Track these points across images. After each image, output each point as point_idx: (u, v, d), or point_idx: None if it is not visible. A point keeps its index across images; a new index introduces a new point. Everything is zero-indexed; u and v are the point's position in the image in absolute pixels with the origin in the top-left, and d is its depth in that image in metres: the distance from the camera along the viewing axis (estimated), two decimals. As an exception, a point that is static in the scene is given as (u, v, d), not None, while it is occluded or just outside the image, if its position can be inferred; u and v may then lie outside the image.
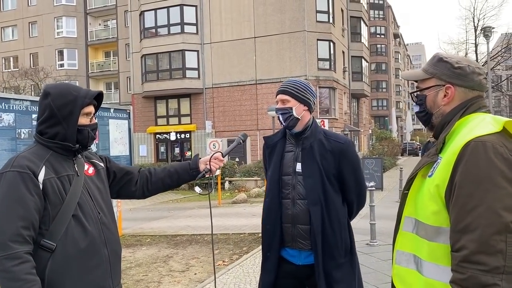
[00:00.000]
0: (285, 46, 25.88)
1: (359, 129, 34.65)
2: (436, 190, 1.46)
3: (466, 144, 1.40)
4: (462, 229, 1.34)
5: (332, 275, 2.35)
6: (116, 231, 2.05)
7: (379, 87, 57.81)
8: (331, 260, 2.37)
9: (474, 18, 29.86)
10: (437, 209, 1.46)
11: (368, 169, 14.92)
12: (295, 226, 2.42)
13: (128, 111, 9.03)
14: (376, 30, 55.78)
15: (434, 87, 1.65)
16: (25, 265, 1.64)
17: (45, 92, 1.91)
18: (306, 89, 2.53)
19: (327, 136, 2.50)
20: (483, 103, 1.61)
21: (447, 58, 1.63)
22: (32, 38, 39.72)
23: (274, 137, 2.61)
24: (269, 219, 2.49)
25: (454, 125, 1.54)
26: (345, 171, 2.45)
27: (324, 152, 2.43)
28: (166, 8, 27.42)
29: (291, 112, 2.46)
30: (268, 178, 2.54)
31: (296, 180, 2.44)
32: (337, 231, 2.40)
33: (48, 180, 1.79)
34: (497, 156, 1.36)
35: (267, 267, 2.48)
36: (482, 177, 1.34)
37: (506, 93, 39.06)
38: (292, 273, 2.48)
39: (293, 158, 2.49)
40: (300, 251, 2.44)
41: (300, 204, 2.42)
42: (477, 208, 1.33)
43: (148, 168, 2.36)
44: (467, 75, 1.59)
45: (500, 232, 1.29)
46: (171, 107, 29.10)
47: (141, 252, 7.51)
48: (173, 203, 15.85)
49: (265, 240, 2.52)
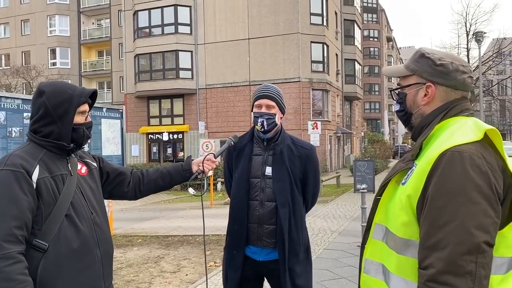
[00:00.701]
0: (279, 48, 25.94)
1: (351, 131, 34.80)
2: (408, 200, 1.35)
3: (442, 153, 1.29)
4: (431, 245, 1.24)
5: (295, 270, 2.54)
6: (109, 231, 2.04)
7: (371, 90, 58.08)
8: (294, 256, 2.56)
9: (466, 23, 30.20)
10: (407, 221, 1.35)
11: (360, 172, 14.93)
12: (261, 226, 2.56)
13: (121, 111, 8.99)
14: (370, 33, 56.01)
15: (414, 85, 1.52)
16: (18, 265, 1.63)
17: (39, 90, 1.89)
18: (283, 96, 2.69)
19: (294, 142, 2.68)
20: (467, 105, 1.48)
21: (429, 54, 1.49)
22: (24, 36, 39.42)
23: (242, 140, 2.71)
24: (236, 220, 2.61)
25: (433, 129, 1.42)
26: (309, 175, 2.65)
27: (293, 158, 2.60)
28: (160, 8, 27.36)
29: (274, 118, 2.58)
30: (235, 180, 2.64)
31: (265, 183, 2.58)
32: (300, 230, 2.59)
33: (42, 180, 1.77)
34: (474, 169, 1.24)
35: (234, 265, 2.60)
36: (456, 191, 1.24)
37: (497, 98, 39.49)
38: (252, 268, 2.62)
39: (262, 161, 2.61)
40: (262, 248, 2.58)
41: (268, 206, 2.56)
42: (448, 224, 1.22)
43: (140, 170, 2.37)
44: (449, 73, 1.45)
45: (470, 252, 1.19)
46: (164, 107, 29.03)
47: (132, 253, 7.48)
48: (165, 203, 15.80)
49: (232, 239, 2.63)
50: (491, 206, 1.23)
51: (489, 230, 1.21)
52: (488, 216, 1.22)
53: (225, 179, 2.86)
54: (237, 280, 2.58)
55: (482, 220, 1.20)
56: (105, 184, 2.20)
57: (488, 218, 1.22)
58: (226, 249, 2.68)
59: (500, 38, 31.18)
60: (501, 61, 33.00)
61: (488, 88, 35.77)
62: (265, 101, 2.58)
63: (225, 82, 26.96)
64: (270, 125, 2.57)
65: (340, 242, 7.65)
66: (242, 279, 2.59)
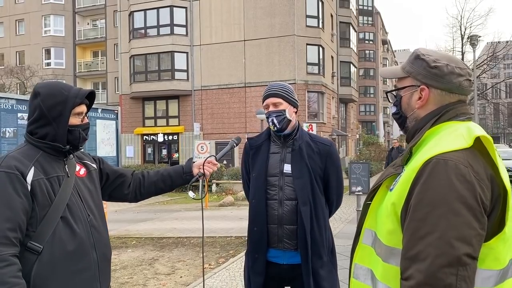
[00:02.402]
0: (275, 49, 25.96)
1: (346, 133, 34.87)
2: (393, 208, 1.31)
3: (427, 161, 1.24)
4: (412, 256, 1.20)
5: (319, 273, 2.42)
6: (107, 234, 2.01)
7: (367, 92, 58.28)
8: (318, 258, 2.43)
9: (461, 27, 30.44)
10: (392, 229, 1.32)
11: (355, 174, 14.97)
12: (281, 226, 2.46)
13: (116, 112, 8.96)
14: (365, 36, 56.25)
15: (409, 88, 1.47)
16: (11, 267, 1.61)
17: (35, 91, 1.88)
18: (292, 91, 2.61)
19: (313, 138, 2.59)
20: (463, 109, 1.41)
21: (425, 55, 1.44)
22: (18, 36, 39.19)
23: (258, 139, 2.65)
24: (256, 221, 2.50)
25: (424, 134, 1.37)
26: (330, 172, 2.54)
27: (312, 154, 2.50)
28: (156, 9, 27.32)
29: (284, 114, 2.50)
30: (253, 180, 2.55)
31: (283, 181, 2.48)
32: (322, 230, 2.48)
33: (37, 181, 1.75)
34: (458, 178, 1.19)
35: (257, 269, 2.49)
36: (438, 201, 1.19)
37: (491, 101, 39.75)
38: (276, 275, 2.51)
39: (280, 159, 2.52)
40: (284, 251, 2.47)
41: (288, 205, 2.45)
42: (428, 236, 1.18)
43: (141, 172, 2.33)
44: (444, 75, 1.39)
45: (451, 265, 1.14)
46: (159, 108, 28.97)
47: (126, 255, 7.44)
48: (159, 205, 15.74)
49: (253, 242, 2.52)
50: (475, 218, 1.18)
51: (471, 242, 1.17)
52: (471, 228, 1.17)
53: (243, 181, 2.75)
54: (260, 285, 2.48)
55: (464, 232, 1.16)
56: (105, 185, 2.17)
57: (471, 230, 1.17)
58: (248, 252, 2.57)
59: (495, 42, 31.43)
60: (495, 65, 33.27)
61: (482, 91, 36.00)
62: (270, 100, 2.54)
63: (220, 83, 26.94)
64: (281, 122, 2.48)
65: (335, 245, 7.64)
66: (265, 284, 2.49)
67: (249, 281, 2.54)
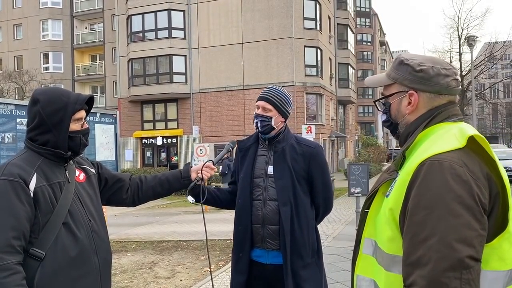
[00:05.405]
0: (273, 52, 26.01)
1: (345, 135, 34.91)
2: (391, 214, 1.28)
3: (421, 163, 1.22)
4: (413, 262, 1.16)
5: (300, 274, 2.44)
6: (107, 239, 2.02)
7: (365, 93, 58.36)
8: (299, 259, 2.45)
9: (458, 27, 30.46)
10: (392, 236, 1.29)
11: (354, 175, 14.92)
12: (264, 226, 2.51)
13: (115, 116, 8.95)
14: (363, 38, 56.36)
15: (397, 94, 1.45)
16: (15, 276, 1.62)
17: (33, 98, 1.86)
18: (287, 101, 2.62)
19: (298, 141, 2.62)
20: (454, 110, 1.40)
21: (409, 60, 1.42)
22: (16, 41, 39.19)
23: (247, 141, 2.71)
24: (241, 220, 2.56)
25: (416, 137, 1.35)
26: (314, 174, 2.56)
27: (295, 156, 2.54)
28: (153, 13, 27.36)
29: (269, 122, 2.54)
30: (240, 180, 2.61)
31: (267, 182, 2.54)
32: (305, 231, 2.49)
33: (40, 188, 1.75)
34: (454, 178, 1.17)
35: (240, 268, 2.54)
36: (435, 203, 1.16)
37: (489, 101, 39.82)
38: (261, 274, 2.54)
39: (265, 161, 2.58)
40: (267, 251, 2.52)
41: (271, 205, 2.51)
42: (428, 240, 1.14)
43: (139, 176, 2.34)
44: (430, 78, 1.37)
45: (454, 268, 1.10)
46: (157, 112, 28.98)
47: (126, 258, 7.44)
48: (158, 208, 15.73)
49: (237, 241, 2.58)
50: (475, 218, 1.15)
51: (473, 243, 1.13)
52: (472, 228, 1.13)
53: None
54: (242, 284, 2.51)
55: (465, 233, 1.12)
56: (104, 190, 2.18)
57: (472, 231, 1.13)
58: (233, 251, 2.63)
59: (492, 42, 31.49)
60: (493, 65, 33.31)
61: (480, 91, 36.07)
62: (261, 102, 2.58)
63: (219, 86, 26.97)
64: (264, 127, 2.54)
65: (334, 247, 7.65)
66: (248, 284, 2.52)
67: (232, 280, 2.60)
